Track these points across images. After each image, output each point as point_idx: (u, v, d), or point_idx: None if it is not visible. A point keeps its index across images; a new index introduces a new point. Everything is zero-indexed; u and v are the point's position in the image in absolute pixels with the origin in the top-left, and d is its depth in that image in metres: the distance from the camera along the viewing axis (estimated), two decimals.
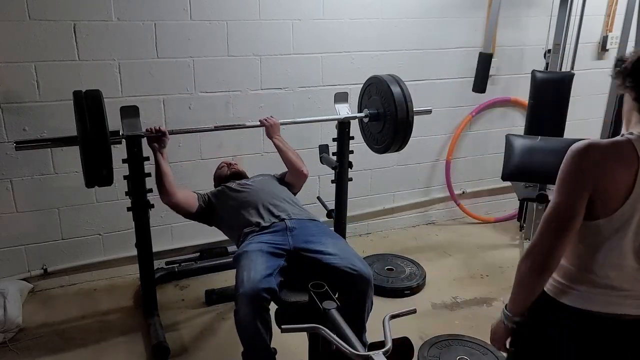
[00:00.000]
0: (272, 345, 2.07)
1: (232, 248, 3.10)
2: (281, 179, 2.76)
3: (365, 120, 2.90)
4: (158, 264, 3.04)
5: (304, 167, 2.70)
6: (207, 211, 2.59)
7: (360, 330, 2.17)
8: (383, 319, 1.74)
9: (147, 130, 2.46)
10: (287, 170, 2.75)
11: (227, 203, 2.54)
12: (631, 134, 1.31)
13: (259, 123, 3.03)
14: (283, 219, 2.36)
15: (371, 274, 2.17)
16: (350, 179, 3.02)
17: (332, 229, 3.05)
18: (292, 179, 2.73)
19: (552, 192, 3.07)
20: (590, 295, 1.35)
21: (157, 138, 2.47)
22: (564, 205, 1.30)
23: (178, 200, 2.51)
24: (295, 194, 2.76)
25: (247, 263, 2.09)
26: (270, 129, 2.72)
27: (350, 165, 2.98)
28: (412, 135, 2.74)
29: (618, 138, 1.31)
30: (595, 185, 1.27)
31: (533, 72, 3.43)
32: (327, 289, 1.98)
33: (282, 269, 2.14)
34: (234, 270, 2.19)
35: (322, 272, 2.12)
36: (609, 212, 1.29)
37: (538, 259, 1.33)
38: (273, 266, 2.10)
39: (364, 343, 2.11)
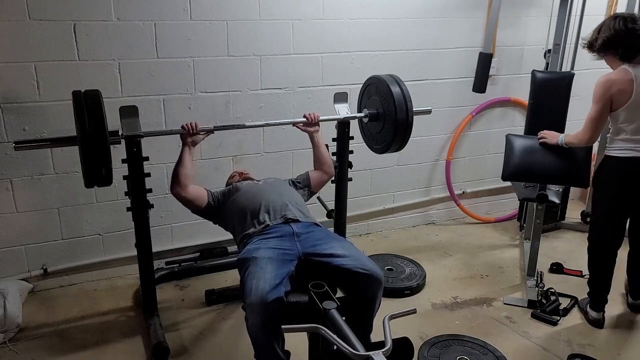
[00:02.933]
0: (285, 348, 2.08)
1: (232, 248, 3.11)
2: (297, 183, 2.76)
3: (365, 120, 2.89)
4: (158, 264, 3.05)
5: (332, 166, 2.81)
6: (216, 209, 2.59)
7: (367, 330, 2.16)
8: (383, 319, 1.74)
9: (182, 127, 2.52)
10: (303, 174, 2.79)
11: (235, 198, 2.54)
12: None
13: (260, 123, 3.05)
14: (288, 222, 2.34)
15: (382, 274, 2.16)
16: (350, 179, 3.03)
17: (332, 229, 3.06)
18: (318, 176, 2.78)
19: (552, 193, 3.08)
20: (623, 147, 2.54)
21: (193, 135, 2.53)
22: (602, 108, 2.52)
23: (188, 194, 2.52)
24: (311, 195, 2.79)
25: (256, 271, 2.05)
26: (314, 124, 2.76)
27: (350, 165, 2.98)
28: (412, 135, 2.74)
29: (619, 69, 2.50)
30: (613, 94, 2.49)
31: (533, 72, 3.43)
32: (327, 289, 1.98)
33: (291, 276, 2.11)
34: (235, 270, 2.18)
35: (333, 276, 2.11)
36: (623, 105, 2.48)
37: (591, 140, 2.63)
38: (282, 274, 2.07)
39: (370, 343, 2.10)
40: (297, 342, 2.20)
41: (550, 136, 2.89)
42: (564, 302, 2.95)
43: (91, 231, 3.10)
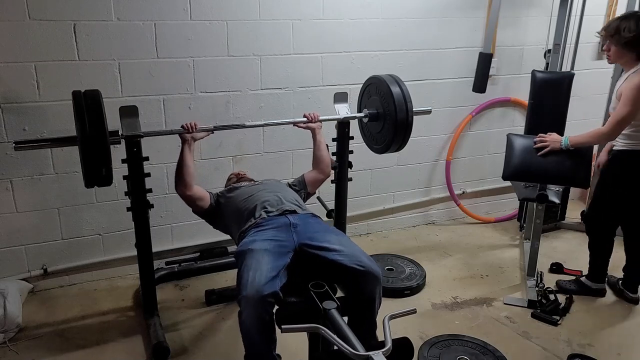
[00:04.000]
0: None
1: (232, 248, 3.10)
2: (292, 186, 2.76)
3: (365, 120, 2.89)
4: (158, 264, 3.04)
5: (329, 166, 2.82)
6: (217, 209, 2.59)
7: (370, 328, 2.14)
8: (383, 319, 1.74)
9: (182, 127, 2.52)
10: (299, 177, 2.80)
11: (233, 199, 2.54)
12: None
13: (260, 123, 3.05)
14: (285, 213, 2.34)
15: (379, 270, 2.14)
16: (350, 179, 3.02)
17: None
18: (313, 176, 2.79)
19: (552, 193, 3.08)
20: None
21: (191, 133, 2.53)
22: (636, 110, 2.56)
23: (193, 193, 2.53)
24: (308, 197, 2.79)
25: (252, 263, 2.04)
26: (316, 124, 2.78)
27: (350, 165, 2.97)
28: (412, 135, 2.74)
29: None
30: None
31: (533, 72, 3.43)
32: (327, 288, 1.98)
33: (287, 267, 2.10)
34: (235, 270, 2.18)
35: (328, 270, 2.10)
36: None
37: (611, 137, 2.73)
38: (279, 266, 2.05)
39: (375, 342, 2.09)
40: (297, 342, 2.20)
41: (552, 142, 2.87)
42: (562, 300, 2.96)
43: (91, 231, 3.10)
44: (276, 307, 2.02)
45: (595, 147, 3.20)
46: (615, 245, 2.97)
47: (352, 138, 2.93)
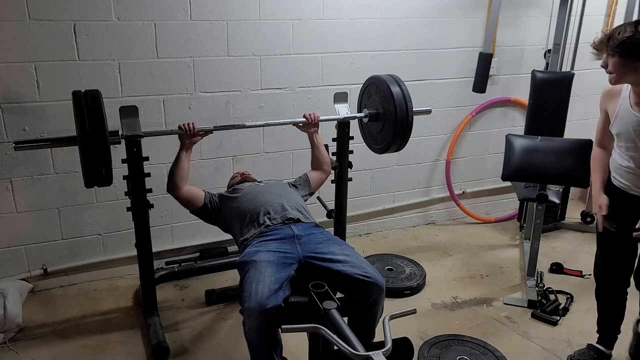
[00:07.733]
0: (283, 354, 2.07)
1: (232, 248, 3.11)
2: (296, 185, 2.77)
3: (365, 120, 2.89)
4: (158, 264, 3.05)
5: (330, 165, 2.85)
6: (213, 210, 2.59)
7: (369, 337, 2.15)
8: (383, 319, 1.74)
9: (180, 127, 2.52)
10: (302, 176, 2.81)
11: (236, 200, 2.53)
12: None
13: (260, 123, 3.05)
14: (288, 222, 2.33)
15: (384, 281, 2.14)
16: (350, 179, 3.02)
17: (332, 229, 3.06)
18: (317, 176, 2.81)
19: (552, 193, 3.09)
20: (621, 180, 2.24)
21: (191, 136, 2.54)
22: (599, 122, 2.39)
23: (183, 194, 2.55)
24: (311, 194, 2.80)
25: (256, 275, 2.04)
26: (314, 125, 2.79)
27: (350, 165, 2.98)
28: (412, 135, 2.74)
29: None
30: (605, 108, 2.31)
31: (533, 72, 3.44)
32: (327, 289, 1.98)
33: (291, 280, 2.09)
34: (235, 270, 2.18)
35: (333, 280, 2.09)
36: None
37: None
38: (282, 278, 2.05)
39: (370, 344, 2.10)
40: (297, 342, 2.20)
41: None
42: (562, 300, 2.96)
43: (91, 231, 3.10)
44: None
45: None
46: None
47: (352, 138, 2.93)
